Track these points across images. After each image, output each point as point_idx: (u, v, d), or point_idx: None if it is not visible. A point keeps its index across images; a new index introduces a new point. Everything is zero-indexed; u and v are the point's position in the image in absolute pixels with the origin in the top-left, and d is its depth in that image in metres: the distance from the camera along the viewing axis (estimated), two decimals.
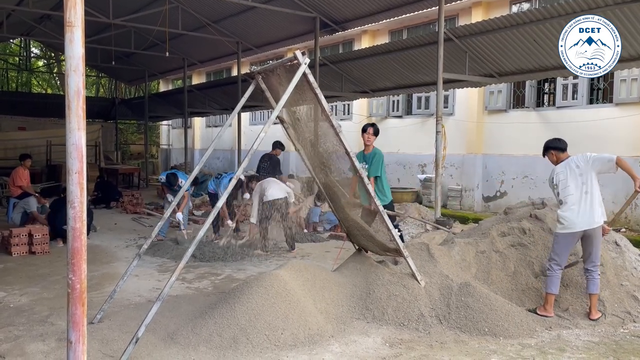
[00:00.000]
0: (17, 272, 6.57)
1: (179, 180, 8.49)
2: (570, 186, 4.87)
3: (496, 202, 11.89)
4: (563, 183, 4.92)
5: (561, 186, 4.94)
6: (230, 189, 4.21)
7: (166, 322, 4.60)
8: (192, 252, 7.71)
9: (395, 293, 4.94)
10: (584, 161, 4.86)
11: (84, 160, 2.78)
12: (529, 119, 11.29)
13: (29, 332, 4.45)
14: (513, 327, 4.60)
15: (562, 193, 4.92)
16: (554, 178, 5.03)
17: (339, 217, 5.70)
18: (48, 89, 30.07)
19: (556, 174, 5.01)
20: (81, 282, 2.79)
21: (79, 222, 2.79)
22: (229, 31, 14.30)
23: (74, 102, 2.73)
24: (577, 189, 4.84)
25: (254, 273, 6.67)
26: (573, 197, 4.85)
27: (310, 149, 5.09)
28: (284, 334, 4.30)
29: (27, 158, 10.36)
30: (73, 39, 2.73)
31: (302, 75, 4.34)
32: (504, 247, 5.75)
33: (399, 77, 11.54)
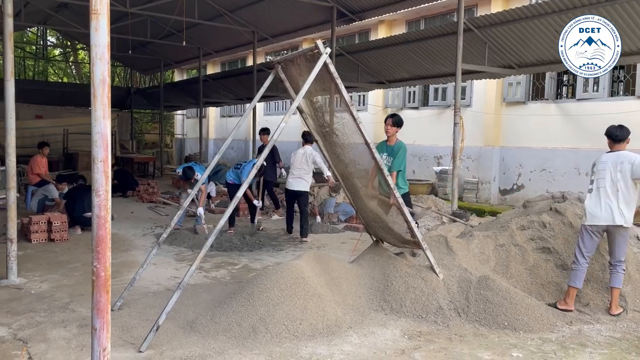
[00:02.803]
0: (37, 259, 6.65)
1: (196, 173, 8.49)
2: (606, 179, 4.76)
3: (513, 195, 11.78)
4: (601, 173, 4.80)
5: (598, 175, 4.83)
6: (251, 177, 4.22)
7: (185, 311, 4.63)
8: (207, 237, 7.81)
9: (413, 285, 4.91)
10: (629, 161, 4.69)
11: (109, 149, 2.79)
12: (548, 111, 11.13)
13: (50, 319, 4.50)
14: (533, 321, 4.56)
15: (595, 182, 4.83)
16: (596, 165, 4.91)
17: (357, 208, 5.68)
18: (64, 77, 30.30)
19: (599, 162, 4.88)
20: (106, 270, 2.81)
21: (103, 210, 2.79)
22: (245, 21, 14.26)
23: (100, 90, 2.72)
24: (610, 184, 4.72)
25: (270, 263, 6.69)
26: (603, 190, 4.75)
27: (329, 140, 5.06)
28: (302, 325, 4.30)
29: (45, 146, 10.47)
30: (99, 27, 2.72)
31: (322, 65, 4.31)
32: (524, 241, 5.68)
33: (416, 67, 11.43)
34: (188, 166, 8.69)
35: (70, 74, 30.47)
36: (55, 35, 28.01)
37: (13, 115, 5.36)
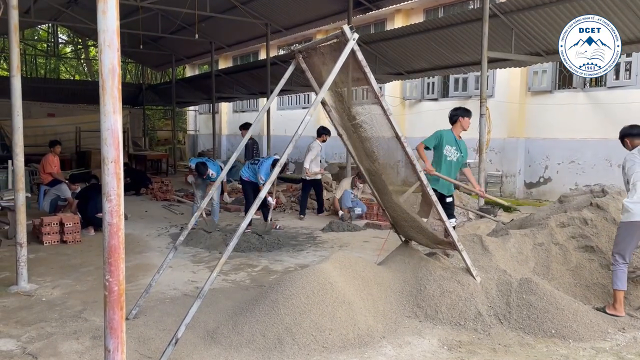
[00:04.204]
0: (49, 262, 6.39)
1: (209, 170, 8.19)
2: (638, 172, 4.50)
3: (539, 189, 11.32)
4: (631, 170, 4.58)
5: (629, 172, 4.61)
6: (275, 175, 3.90)
7: (205, 319, 4.32)
8: (227, 242, 7.50)
9: (449, 290, 4.55)
10: None
11: (121, 147, 2.46)
12: (576, 100, 10.65)
13: (62, 329, 4.22)
14: (583, 328, 4.18)
15: (629, 180, 4.59)
16: (624, 164, 4.71)
17: (384, 207, 5.31)
18: (76, 75, 30.20)
19: (626, 160, 4.69)
20: (119, 284, 2.49)
21: (115, 217, 2.48)
22: (258, 13, 13.89)
23: (109, 81, 2.39)
24: None
25: (291, 265, 6.37)
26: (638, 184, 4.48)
27: (356, 134, 4.70)
28: (332, 335, 3.97)
29: (56, 144, 10.22)
30: (106, 10, 2.39)
31: (350, 53, 3.96)
32: (564, 239, 5.30)
33: (436, 57, 11.00)
34: (202, 162, 8.37)
35: (82, 72, 30.35)
36: (66, 33, 27.87)
37: (20, 113, 5.06)
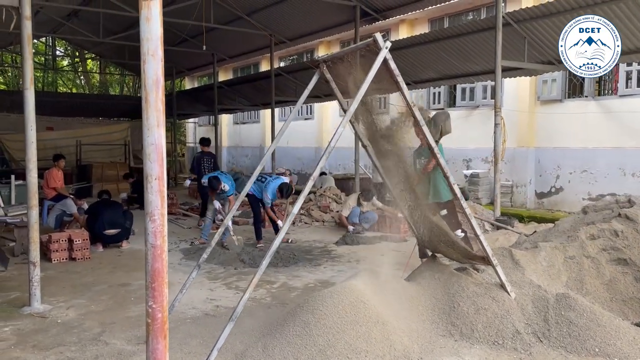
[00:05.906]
0: (60, 281, 6.17)
1: (222, 183, 8.03)
2: None
3: (551, 199, 11.19)
4: None
5: None
6: (303, 200, 3.74)
7: (232, 340, 4.11)
8: (241, 257, 7.28)
9: (483, 307, 4.37)
10: None
11: (164, 163, 2.30)
12: (587, 109, 10.55)
13: (82, 354, 4.00)
14: (627, 345, 4.00)
15: None
16: None
17: (412, 221, 5.14)
18: (73, 88, 29.98)
19: None
20: (163, 311, 2.32)
21: (159, 239, 2.31)
22: (262, 24, 13.78)
23: (152, 93, 2.24)
24: None
25: (310, 281, 6.17)
26: None
27: (386, 147, 4.55)
28: (367, 357, 3.78)
29: (60, 159, 10.01)
30: (150, 17, 2.24)
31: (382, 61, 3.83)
32: (596, 252, 5.13)
33: (444, 66, 10.90)
34: (214, 176, 8.21)
35: (79, 85, 30.14)
36: (64, 46, 27.71)
37: (33, 127, 4.89)
